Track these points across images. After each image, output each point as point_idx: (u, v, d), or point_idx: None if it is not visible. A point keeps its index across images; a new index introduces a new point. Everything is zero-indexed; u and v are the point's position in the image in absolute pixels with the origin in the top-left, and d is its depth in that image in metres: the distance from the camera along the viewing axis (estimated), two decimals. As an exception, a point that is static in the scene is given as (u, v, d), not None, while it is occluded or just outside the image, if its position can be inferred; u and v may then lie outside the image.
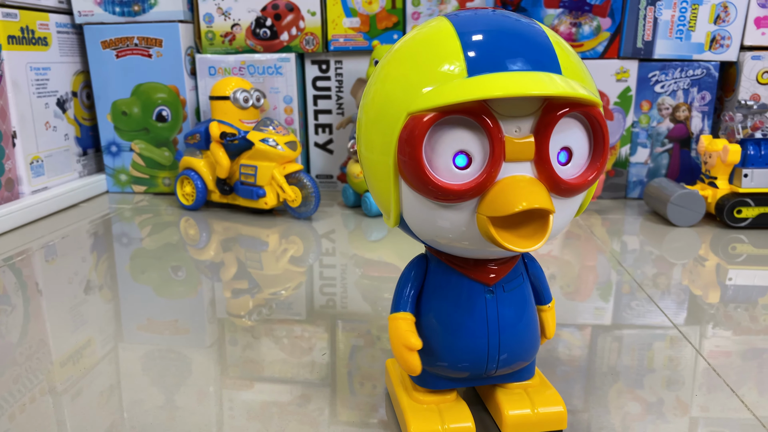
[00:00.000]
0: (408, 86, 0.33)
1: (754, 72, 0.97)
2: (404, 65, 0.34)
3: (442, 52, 0.33)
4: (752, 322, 0.64)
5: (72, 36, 1.08)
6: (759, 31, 0.97)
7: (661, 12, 0.97)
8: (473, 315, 0.39)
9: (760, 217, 0.88)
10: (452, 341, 0.39)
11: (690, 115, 1.01)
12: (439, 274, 0.40)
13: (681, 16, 0.97)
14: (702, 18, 0.97)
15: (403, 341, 0.38)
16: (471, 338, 0.39)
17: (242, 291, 0.72)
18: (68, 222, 0.97)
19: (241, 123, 0.97)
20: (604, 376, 0.54)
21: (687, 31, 0.98)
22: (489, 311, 0.39)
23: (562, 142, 0.33)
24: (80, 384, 0.53)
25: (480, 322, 0.38)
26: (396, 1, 1.02)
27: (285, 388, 0.52)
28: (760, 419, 0.47)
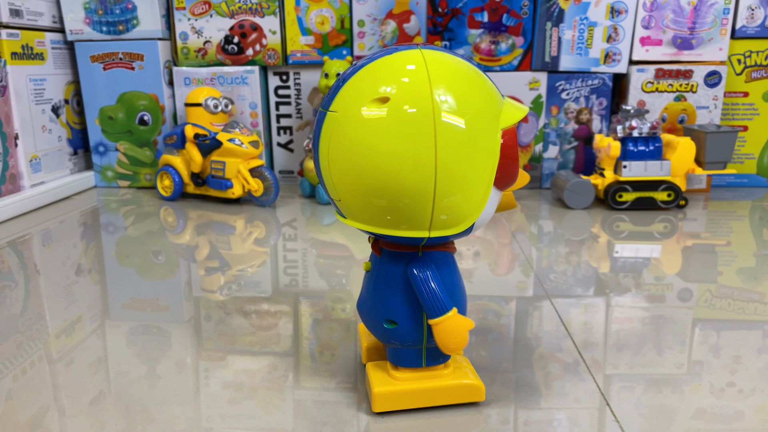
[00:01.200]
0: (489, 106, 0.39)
1: (639, 82, 1.10)
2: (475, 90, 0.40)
3: (489, 86, 0.41)
4: (643, 290, 0.69)
5: (64, 51, 1.16)
6: (643, 49, 1.10)
7: (564, 32, 1.09)
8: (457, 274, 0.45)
9: (637, 200, 0.99)
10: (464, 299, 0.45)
11: (591, 117, 1.13)
12: (440, 257, 0.44)
13: (580, 35, 1.09)
14: (597, 37, 1.09)
15: (467, 327, 0.42)
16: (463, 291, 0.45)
17: (214, 269, 0.76)
18: (62, 212, 1.02)
19: (212, 126, 1.05)
20: (528, 341, 0.57)
21: (585, 48, 1.10)
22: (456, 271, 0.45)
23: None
24: (72, 354, 0.54)
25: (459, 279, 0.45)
26: (344, 22, 1.13)
27: (254, 358, 0.54)
28: (662, 375, 0.51)
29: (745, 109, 1.15)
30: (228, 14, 1.14)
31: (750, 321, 0.61)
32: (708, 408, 0.47)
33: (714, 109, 1.11)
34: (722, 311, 0.64)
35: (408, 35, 1.13)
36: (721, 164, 1.01)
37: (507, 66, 1.13)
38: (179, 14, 1.15)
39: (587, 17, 1.09)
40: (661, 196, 1.00)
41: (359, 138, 0.38)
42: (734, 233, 0.91)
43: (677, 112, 1.12)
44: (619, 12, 1.08)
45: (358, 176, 0.38)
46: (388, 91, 0.38)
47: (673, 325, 0.61)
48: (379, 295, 0.44)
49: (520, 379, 0.51)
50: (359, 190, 0.39)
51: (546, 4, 1.09)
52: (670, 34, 1.09)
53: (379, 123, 0.37)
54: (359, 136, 0.38)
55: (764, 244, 0.86)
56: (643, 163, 0.99)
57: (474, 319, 0.61)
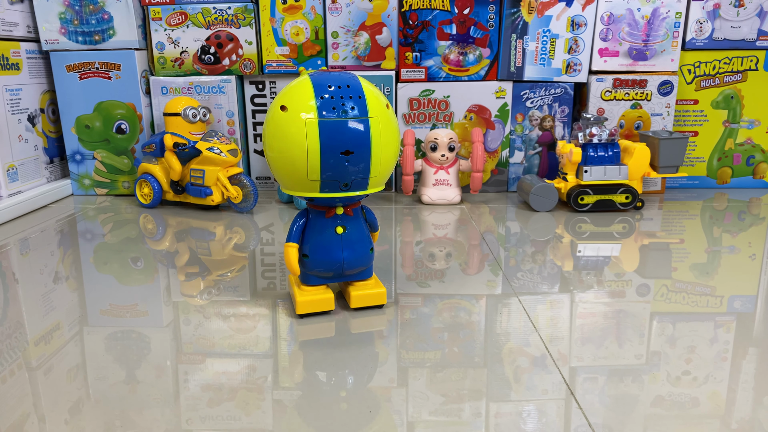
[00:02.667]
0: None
1: (599, 91, 1.13)
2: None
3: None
4: (606, 287, 0.71)
5: (39, 61, 1.13)
6: (602, 60, 1.13)
7: (528, 44, 1.12)
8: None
9: (597, 203, 1.02)
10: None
11: (554, 124, 1.15)
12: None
13: (543, 47, 1.12)
14: (559, 49, 1.12)
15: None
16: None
17: (194, 274, 0.76)
18: (39, 221, 1.00)
19: (191, 134, 1.04)
20: (498, 337, 0.58)
21: (548, 59, 1.12)
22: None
23: None
24: (51, 361, 0.54)
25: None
26: (319, 34, 1.13)
27: (233, 361, 0.54)
28: (623, 366, 0.53)
29: (696, 116, 1.19)
30: (204, 25, 1.13)
31: (703, 313, 0.64)
32: (666, 396, 0.49)
33: (667, 116, 1.15)
34: (677, 304, 0.66)
35: (380, 46, 1.14)
36: (673, 168, 1.04)
37: (474, 76, 1.14)
38: (155, 24, 1.13)
39: (549, 30, 1.11)
40: (619, 199, 1.03)
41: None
42: (687, 231, 0.94)
43: (633, 119, 1.15)
44: (579, 25, 1.11)
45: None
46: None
47: (632, 319, 0.63)
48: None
49: (490, 373, 0.52)
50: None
51: (511, 18, 1.11)
52: (626, 46, 1.13)
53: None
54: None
55: (715, 242, 0.89)
56: (602, 168, 1.01)
57: (447, 317, 0.63)
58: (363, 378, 0.52)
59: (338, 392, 0.49)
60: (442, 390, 0.50)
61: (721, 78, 1.16)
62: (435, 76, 1.15)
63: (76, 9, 1.10)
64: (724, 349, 0.56)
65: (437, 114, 1.16)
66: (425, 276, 0.76)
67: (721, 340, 0.58)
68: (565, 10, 1.10)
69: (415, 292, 0.71)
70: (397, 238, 0.91)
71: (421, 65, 1.14)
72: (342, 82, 0.56)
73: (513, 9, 1.11)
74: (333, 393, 0.49)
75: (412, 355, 0.56)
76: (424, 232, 0.94)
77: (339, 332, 0.60)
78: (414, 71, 1.14)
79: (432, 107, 1.16)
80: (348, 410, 0.47)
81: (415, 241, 0.90)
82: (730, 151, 1.21)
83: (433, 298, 0.69)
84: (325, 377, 0.51)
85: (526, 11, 1.11)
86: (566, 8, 1.10)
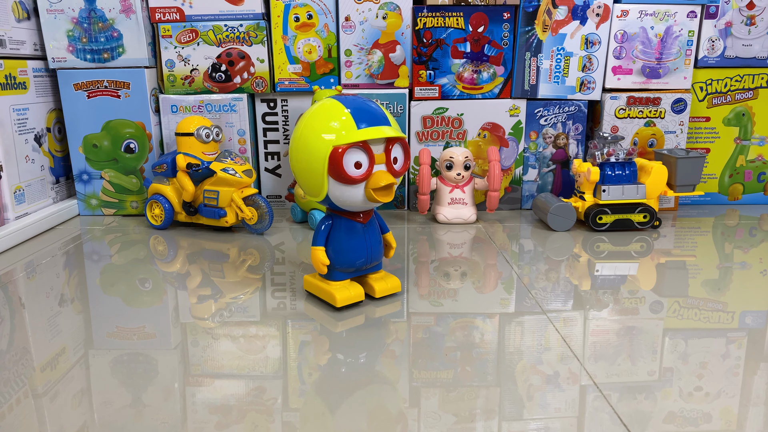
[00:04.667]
0: (330, 132, 0.64)
1: (612, 109, 1.14)
2: (323, 123, 0.65)
3: (341, 116, 0.64)
4: (620, 304, 0.72)
5: (46, 79, 1.12)
6: (615, 77, 1.14)
7: (542, 62, 1.12)
8: (359, 238, 0.70)
9: (615, 222, 1.02)
10: (351, 253, 0.70)
11: (567, 142, 1.16)
12: (340, 221, 0.70)
13: (557, 65, 1.13)
14: (573, 67, 1.13)
15: (321, 261, 0.69)
16: (360, 249, 0.70)
17: (206, 297, 0.75)
18: (46, 243, 0.98)
19: (204, 155, 1.03)
20: (511, 356, 0.59)
21: (562, 77, 1.13)
22: (365, 235, 0.70)
23: (395, 154, 0.67)
24: (57, 387, 0.53)
25: (362, 241, 0.70)
26: (332, 51, 1.13)
27: (242, 382, 0.54)
28: (636, 382, 0.54)
29: (708, 133, 1.21)
30: (215, 43, 1.12)
31: (715, 329, 0.65)
32: (678, 412, 0.49)
33: (680, 134, 1.16)
34: (689, 321, 0.68)
35: (394, 64, 1.14)
36: (690, 187, 1.05)
37: (488, 94, 1.15)
38: (165, 42, 1.12)
39: (563, 48, 1.12)
40: (637, 218, 1.03)
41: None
42: (699, 248, 0.96)
43: (647, 136, 1.16)
44: (593, 43, 1.12)
45: None
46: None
47: (645, 336, 0.64)
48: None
49: (503, 392, 0.52)
50: None
51: (525, 36, 1.12)
52: (640, 64, 1.14)
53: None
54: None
55: (726, 258, 0.90)
56: (620, 187, 1.02)
57: (460, 336, 0.65)
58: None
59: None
60: (455, 409, 0.50)
61: (733, 95, 1.18)
62: (449, 94, 1.15)
63: (84, 26, 1.09)
64: (735, 365, 0.57)
65: (451, 132, 1.16)
66: (439, 295, 0.76)
67: (732, 355, 0.59)
68: (579, 28, 1.11)
69: (428, 311, 0.71)
70: (410, 258, 0.91)
71: (435, 83, 1.14)
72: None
73: (527, 27, 1.12)
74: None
75: (424, 374, 0.56)
76: (439, 251, 0.94)
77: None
78: (428, 89, 1.15)
79: (446, 125, 1.16)
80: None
81: (430, 260, 0.90)
82: (741, 167, 1.22)
83: (445, 317, 0.69)
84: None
85: (540, 29, 1.12)
86: (580, 26, 1.11)
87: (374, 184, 0.64)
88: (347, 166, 0.63)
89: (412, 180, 1.19)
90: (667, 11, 1.11)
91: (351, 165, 0.63)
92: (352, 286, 0.71)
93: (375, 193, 0.64)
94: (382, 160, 0.65)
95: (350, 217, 0.70)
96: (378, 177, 0.64)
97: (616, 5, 1.11)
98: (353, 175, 0.63)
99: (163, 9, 1.11)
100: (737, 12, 1.14)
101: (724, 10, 1.14)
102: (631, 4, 1.11)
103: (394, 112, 1.15)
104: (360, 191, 0.65)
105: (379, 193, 0.65)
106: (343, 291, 0.70)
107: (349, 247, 0.70)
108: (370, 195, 0.65)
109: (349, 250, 0.70)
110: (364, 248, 0.70)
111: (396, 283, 0.75)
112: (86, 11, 1.08)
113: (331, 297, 0.70)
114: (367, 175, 0.64)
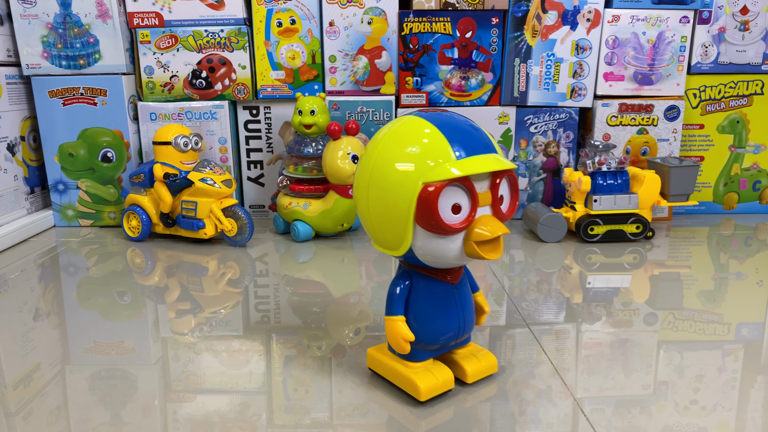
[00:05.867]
0: (417, 164, 0.47)
1: (604, 116, 1.12)
2: (406, 150, 0.48)
3: (435, 142, 0.47)
4: (612, 317, 0.71)
5: (20, 86, 1.09)
6: (607, 84, 1.12)
7: (532, 68, 1.10)
8: (449, 304, 0.53)
9: (607, 233, 1.01)
10: (439, 324, 0.53)
11: (558, 150, 1.14)
12: (423, 282, 0.52)
13: (547, 71, 1.11)
14: (563, 73, 1.11)
15: (402, 336, 0.51)
16: (451, 319, 0.53)
17: (185, 311, 0.73)
18: (19, 256, 0.96)
19: (182, 164, 1.01)
20: (502, 369, 0.58)
21: (552, 84, 1.11)
22: (456, 300, 0.53)
23: (501, 191, 0.49)
24: (31, 405, 0.52)
25: (453, 308, 0.53)
26: (315, 57, 1.11)
27: (225, 398, 0.53)
28: (630, 396, 0.53)
29: (701, 141, 1.19)
30: (196, 48, 1.10)
31: (710, 341, 0.65)
32: (674, 426, 0.49)
33: (674, 142, 1.14)
34: (685, 333, 0.67)
35: (380, 71, 1.11)
36: (684, 196, 1.03)
37: (477, 101, 1.13)
38: (144, 48, 1.10)
39: (554, 54, 1.10)
40: (630, 229, 1.01)
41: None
42: (694, 258, 0.95)
43: (640, 144, 1.14)
44: (584, 49, 1.10)
45: None
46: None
47: (639, 348, 0.63)
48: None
49: (494, 406, 0.52)
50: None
51: (514, 41, 1.10)
52: (632, 70, 1.12)
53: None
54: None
55: (722, 268, 0.90)
56: (612, 197, 1.00)
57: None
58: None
59: None
60: (446, 425, 0.49)
61: (727, 102, 1.16)
62: (436, 101, 1.13)
63: (59, 32, 1.06)
64: (732, 378, 0.57)
65: (439, 140, 1.14)
66: None
67: (729, 368, 0.58)
68: (570, 33, 1.10)
69: None
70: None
71: (422, 90, 1.12)
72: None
73: (516, 32, 1.10)
74: None
75: None
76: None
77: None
78: (414, 96, 1.12)
79: (433, 133, 1.13)
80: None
81: None
82: (736, 176, 1.20)
83: None
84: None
85: (530, 35, 1.10)
86: (571, 32, 1.09)
87: (479, 235, 0.47)
88: (443, 211, 0.46)
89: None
90: (659, 16, 1.10)
91: (447, 209, 0.46)
92: (437, 368, 0.53)
93: (479, 247, 0.47)
94: (487, 201, 0.48)
95: (436, 275, 0.52)
96: (484, 225, 0.47)
97: (607, 10, 1.09)
98: (451, 223, 0.46)
99: (142, 14, 1.08)
100: (731, 17, 1.12)
101: (717, 15, 1.12)
102: (623, 9, 1.09)
103: (380, 119, 1.13)
104: (457, 244, 0.48)
105: (485, 248, 0.48)
106: (428, 378, 0.52)
107: (436, 316, 0.52)
108: (471, 250, 0.47)
109: (437, 321, 0.52)
110: (456, 318, 0.53)
111: (492, 361, 0.56)
112: (61, 16, 1.06)
113: (412, 386, 0.53)
114: (468, 222, 0.47)
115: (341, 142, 0.96)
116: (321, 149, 1.02)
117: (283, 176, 1.05)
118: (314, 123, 1.00)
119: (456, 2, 1.07)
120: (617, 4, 1.09)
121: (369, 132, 1.12)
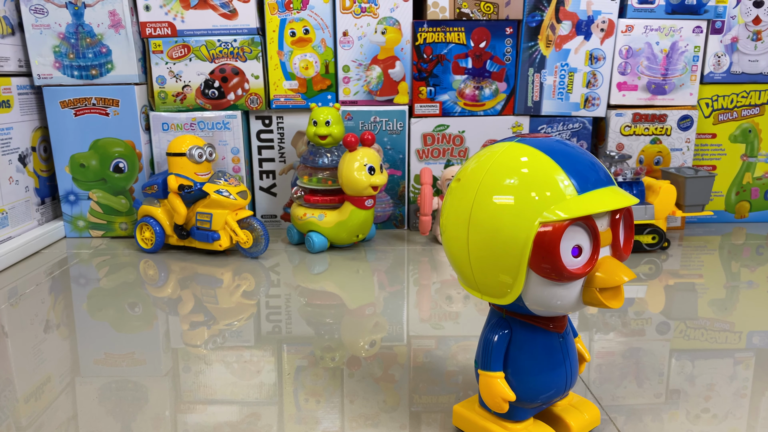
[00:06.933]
0: (531, 200, 0.40)
1: (618, 126, 1.13)
2: (519, 186, 0.41)
3: (551, 174, 0.41)
4: (626, 326, 0.71)
5: (31, 96, 1.09)
6: (620, 94, 1.12)
7: (546, 78, 1.11)
8: (555, 356, 0.46)
9: None
10: (543, 380, 0.46)
11: (572, 159, 1.16)
12: (525, 332, 0.45)
13: (561, 81, 1.11)
14: (577, 83, 1.11)
15: (501, 396, 0.45)
16: (557, 374, 0.46)
17: (198, 323, 0.73)
18: (31, 268, 0.96)
19: (196, 175, 1.00)
20: None
21: (566, 93, 1.12)
22: (563, 351, 0.46)
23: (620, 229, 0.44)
24: (42, 418, 0.52)
25: (560, 360, 0.46)
26: (329, 67, 1.11)
27: (236, 409, 0.53)
28: (642, 405, 0.54)
29: (714, 150, 1.19)
30: (208, 58, 1.09)
31: (722, 350, 0.65)
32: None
33: (687, 151, 1.15)
34: (696, 341, 0.67)
35: (393, 81, 1.12)
36: (699, 206, 1.03)
37: (491, 111, 1.13)
38: (156, 57, 1.09)
39: (567, 63, 1.11)
40: (646, 239, 1.01)
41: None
42: (706, 267, 0.96)
43: (653, 154, 1.15)
44: (598, 59, 1.11)
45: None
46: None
47: (651, 357, 0.63)
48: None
49: None
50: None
51: (528, 51, 1.10)
52: (645, 80, 1.12)
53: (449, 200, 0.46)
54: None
55: (733, 277, 0.91)
56: (628, 208, 1.00)
57: (462, 359, 0.62)
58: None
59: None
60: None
61: (739, 111, 1.17)
62: (450, 111, 1.13)
63: (71, 42, 1.06)
64: (743, 386, 0.57)
65: (452, 149, 1.14)
66: (440, 318, 0.75)
67: (740, 376, 0.59)
68: (584, 43, 1.10)
69: (429, 334, 0.70)
70: (410, 280, 0.90)
71: (436, 100, 1.12)
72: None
73: (530, 42, 1.10)
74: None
75: (425, 399, 0.55)
76: (440, 273, 0.93)
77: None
78: (428, 106, 1.12)
79: (446, 143, 1.14)
80: None
81: (431, 283, 0.88)
82: (748, 185, 1.21)
83: (447, 339, 0.68)
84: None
85: (544, 45, 1.10)
86: (584, 42, 1.10)
87: (604, 282, 0.41)
88: (564, 255, 0.40)
89: (412, 199, 1.16)
90: (672, 26, 1.10)
91: (568, 252, 0.40)
92: (539, 429, 0.48)
93: (602, 295, 0.41)
94: (608, 241, 0.42)
95: (538, 323, 0.46)
96: (609, 270, 0.41)
97: (620, 20, 1.10)
98: (572, 268, 0.40)
99: (154, 24, 1.08)
100: (743, 27, 1.13)
101: (730, 25, 1.13)
102: (636, 19, 1.10)
103: (393, 129, 1.13)
104: (575, 292, 0.42)
105: (607, 295, 0.41)
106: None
107: (540, 371, 0.46)
108: (593, 298, 0.42)
109: (541, 376, 0.46)
110: (563, 372, 0.46)
111: (595, 414, 0.50)
112: (74, 26, 1.05)
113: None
114: (591, 266, 0.41)
115: (357, 153, 0.96)
116: (336, 160, 1.02)
117: (298, 187, 1.05)
118: (329, 134, 1.00)
119: (470, 12, 1.07)
120: (631, 14, 1.10)
121: (382, 142, 1.13)
